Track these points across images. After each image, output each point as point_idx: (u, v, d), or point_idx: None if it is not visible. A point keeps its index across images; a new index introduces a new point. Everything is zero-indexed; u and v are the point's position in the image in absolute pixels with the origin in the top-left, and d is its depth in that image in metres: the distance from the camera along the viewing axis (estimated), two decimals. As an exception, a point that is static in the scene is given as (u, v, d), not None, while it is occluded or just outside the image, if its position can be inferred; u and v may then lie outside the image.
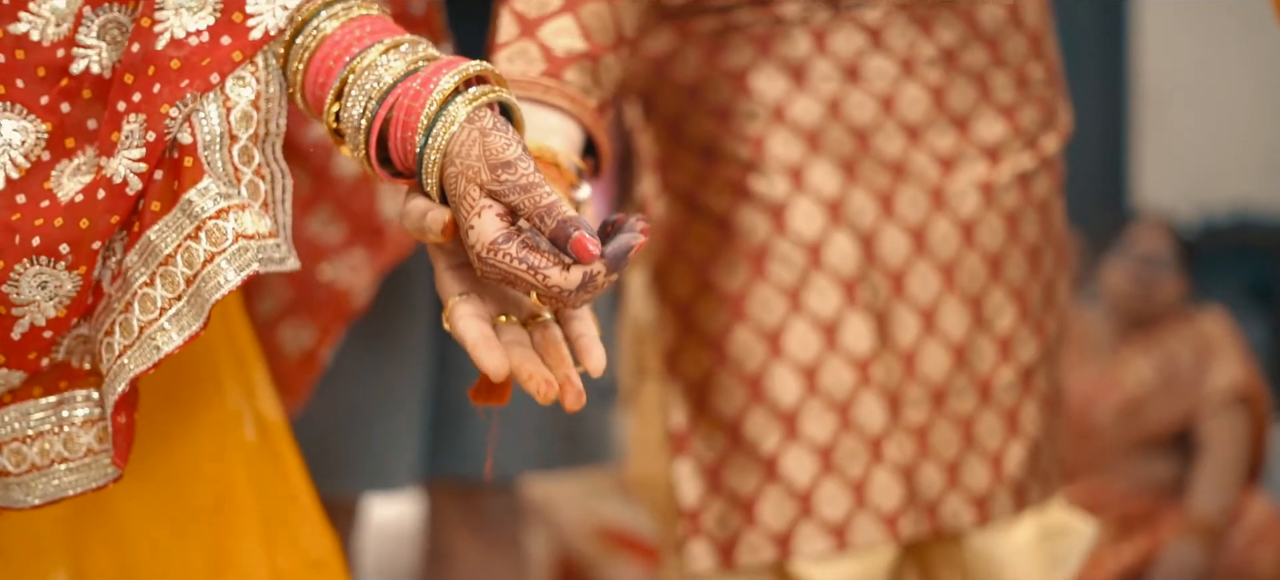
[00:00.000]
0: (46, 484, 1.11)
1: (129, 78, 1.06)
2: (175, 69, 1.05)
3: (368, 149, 1.05)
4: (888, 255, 1.60)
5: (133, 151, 1.05)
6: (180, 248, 1.06)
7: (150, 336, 1.06)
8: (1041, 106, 1.67)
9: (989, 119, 1.62)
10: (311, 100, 1.08)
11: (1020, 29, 1.64)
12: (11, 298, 1.04)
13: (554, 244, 1.01)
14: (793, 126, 1.58)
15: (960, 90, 1.61)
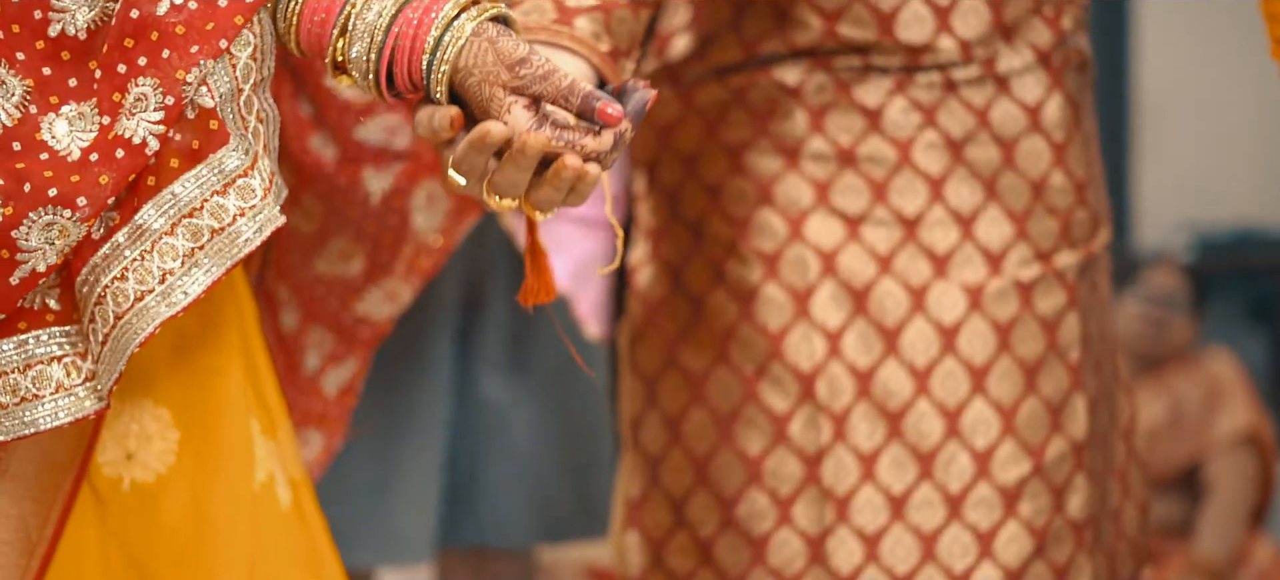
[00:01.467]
0: (15, 421, 1.15)
1: (129, 42, 1.10)
2: (181, 35, 1.11)
3: (378, 75, 1.14)
4: (854, 353, 1.56)
5: (151, 114, 1.10)
6: (206, 202, 1.13)
7: (176, 282, 1.13)
8: (1060, 219, 1.60)
9: (994, 220, 1.58)
10: (307, 39, 1.15)
11: (1040, 132, 1.59)
12: (19, 243, 1.09)
13: (581, 117, 1.13)
14: (780, 209, 1.58)
15: (964, 186, 1.58)
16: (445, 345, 1.92)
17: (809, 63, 1.58)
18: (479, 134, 1.14)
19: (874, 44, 1.55)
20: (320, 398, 1.74)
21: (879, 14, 1.54)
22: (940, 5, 1.55)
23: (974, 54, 1.56)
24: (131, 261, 1.13)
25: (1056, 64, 1.60)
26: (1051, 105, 1.59)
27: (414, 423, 1.91)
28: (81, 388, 1.16)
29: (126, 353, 1.13)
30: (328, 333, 1.73)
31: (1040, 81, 1.59)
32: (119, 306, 1.13)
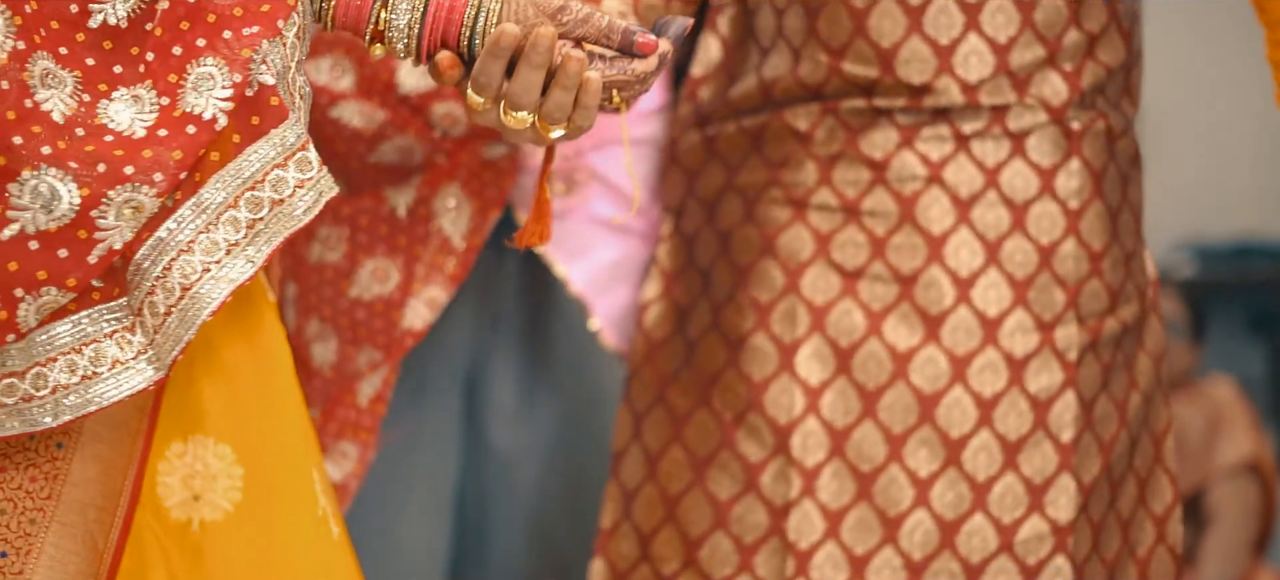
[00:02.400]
0: (80, 397, 1.16)
1: (185, 25, 1.14)
2: (239, 17, 1.15)
3: (421, 42, 1.21)
4: (832, 412, 1.56)
5: (219, 92, 1.14)
6: (268, 174, 1.17)
7: (241, 253, 1.17)
8: (1068, 290, 1.56)
9: (993, 284, 1.56)
10: (345, 12, 1.21)
11: (1054, 198, 1.57)
12: (98, 222, 1.11)
13: (622, 51, 1.21)
14: (781, 260, 1.59)
15: (964, 247, 1.56)
16: (454, 393, 1.91)
17: (819, 107, 1.58)
18: (494, 38, 1.19)
19: (876, 81, 1.55)
20: (355, 407, 1.73)
21: (880, 50, 1.54)
22: (940, 44, 1.54)
23: (980, 100, 1.54)
24: (197, 234, 1.16)
25: (1074, 127, 1.56)
26: (1067, 172, 1.56)
27: (422, 468, 1.89)
28: (138, 361, 1.17)
29: (195, 325, 1.16)
30: (375, 350, 1.73)
31: (1057, 145, 1.56)
32: (186, 278, 1.16)
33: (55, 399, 1.16)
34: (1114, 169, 1.58)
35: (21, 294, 1.12)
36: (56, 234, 1.11)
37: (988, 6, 1.54)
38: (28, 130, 1.10)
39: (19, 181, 1.10)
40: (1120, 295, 1.58)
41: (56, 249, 1.11)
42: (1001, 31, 1.54)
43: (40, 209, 1.11)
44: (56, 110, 1.12)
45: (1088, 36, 1.56)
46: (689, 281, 1.67)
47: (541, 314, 1.94)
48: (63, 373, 1.16)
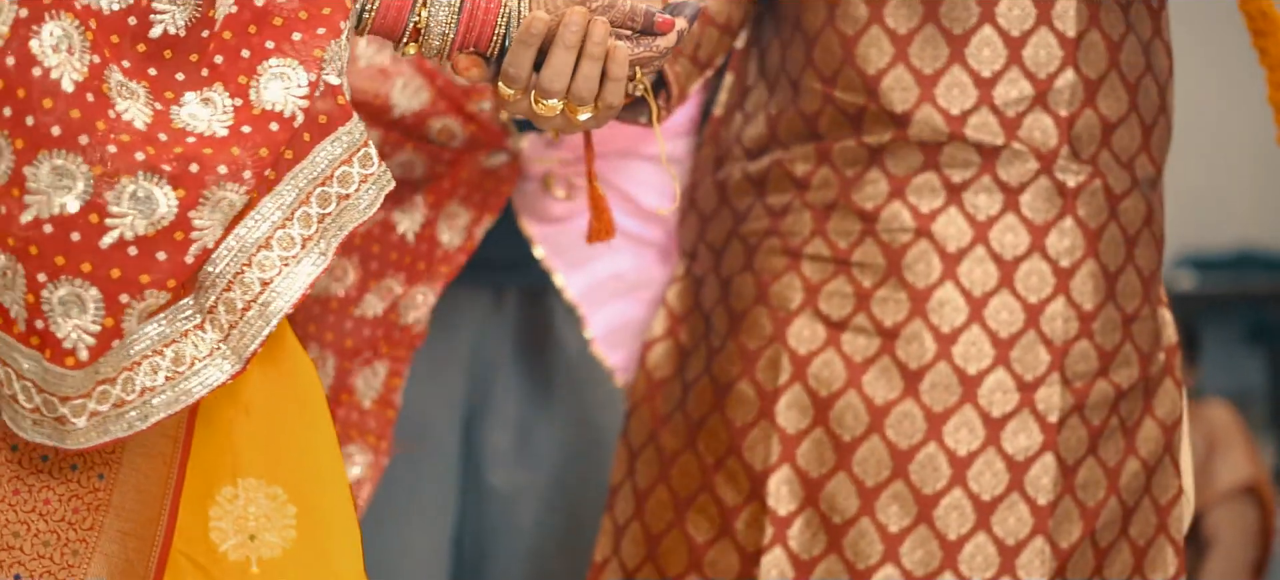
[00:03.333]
0: (168, 396, 1.19)
1: (253, 28, 1.17)
2: (304, 19, 1.18)
3: (453, 39, 1.26)
4: (807, 462, 1.56)
5: (296, 90, 1.17)
6: (336, 171, 1.21)
7: (314, 247, 1.20)
8: (1054, 351, 1.54)
9: (973, 341, 1.54)
10: (383, 16, 1.25)
11: (1044, 257, 1.56)
12: (194, 223, 1.14)
13: (644, 32, 1.29)
14: (772, 308, 1.60)
15: (948, 305, 1.54)
16: (453, 435, 1.91)
17: (815, 150, 1.58)
18: (526, 24, 1.25)
19: (862, 109, 1.55)
20: (356, 408, 1.72)
21: (866, 77, 1.54)
22: (923, 73, 1.53)
23: (964, 133, 1.53)
24: (274, 230, 1.19)
25: (1069, 184, 1.54)
26: (1059, 230, 1.54)
27: (421, 509, 1.89)
28: (215, 357, 1.19)
29: (274, 320, 1.19)
30: (376, 355, 1.73)
31: (1051, 202, 1.54)
32: (265, 274, 1.19)
33: (143, 401, 1.18)
34: (1115, 229, 1.56)
35: (127, 299, 1.14)
36: (154, 237, 1.13)
37: (974, 38, 1.53)
38: (118, 139, 1.12)
39: (117, 189, 1.12)
40: (1114, 358, 1.56)
41: (155, 252, 1.14)
42: (986, 65, 1.53)
43: (139, 214, 1.13)
44: (138, 118, 1.14)
45: (1084, 82, 1.54)
46: (693, 325, 1.69)
47: (540, 356, 1.95)
48: (147, 375, 1.17)
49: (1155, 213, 1.60)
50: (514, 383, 1.93)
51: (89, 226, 1.12)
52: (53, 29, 1.11)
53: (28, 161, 1.11)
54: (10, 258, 1.12)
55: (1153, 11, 1.59)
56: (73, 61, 1.12)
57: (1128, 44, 1.56)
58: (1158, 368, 1.60)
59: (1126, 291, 1.57)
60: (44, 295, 1.12)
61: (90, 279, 1.12)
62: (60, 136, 1.11)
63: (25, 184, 1.11)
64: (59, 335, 1.12)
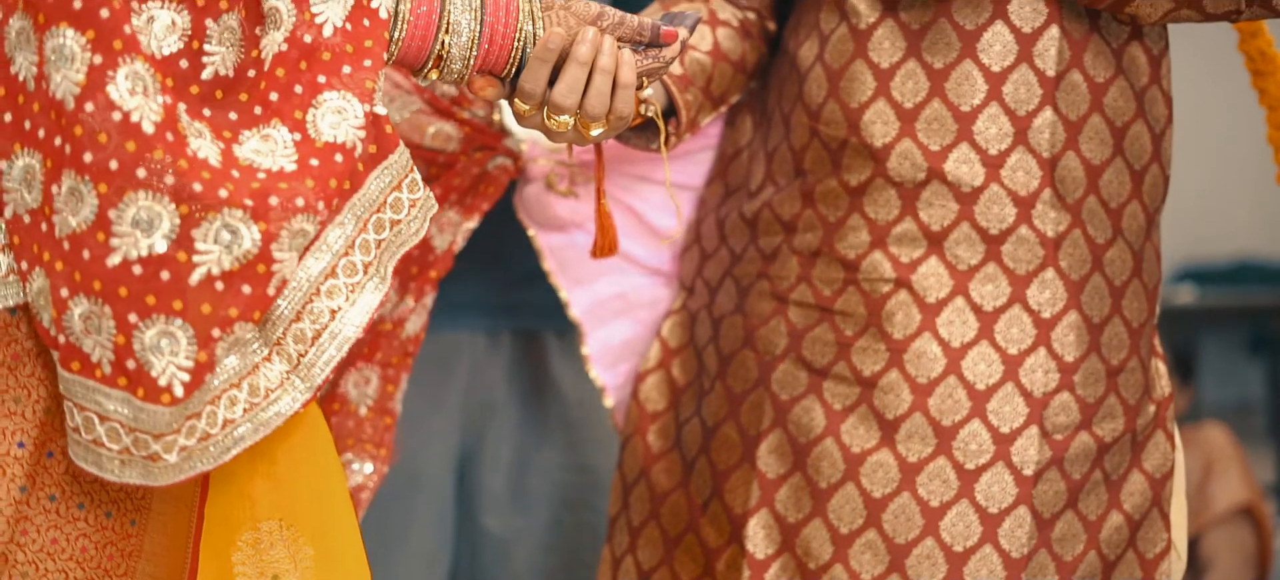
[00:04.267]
0: (251, 425, 1.21)
1: (304, 65, 1.20)
2: (351, 52, 1.21)
3: (472, 64, 1.30)
4: (784, 507, 1.55)
5: (353, 121, 1.20)
6: (388, 198, 1.24)
7: (375, 272, 1.24)
8: (1030, 403, 1.51)
9: (949, 392, 1.52)
10: (409, 44, 1.28)
11: (1026, 309, 1.53)
12: (275, 255, 1.16)
13: (651, 44, 1.35)
14: (758, 352, 1.60)
15: (924, 357, 1.51)
16: (447, 480, 1.92)
17: (800, 192, 1.58)
18: (543, 41, 1.31)
19: (843, 142, 1.55)
20: (353, 416, 1.71)
21: (848, 111, 1.54)
22: (904, 107, 1.52)
23: (945, 171, 1.52)
24: (338, 259, 1.23)
25: (1049, 234, 1.52)
26: (1040, 281, 1.53)
27: (416, 551, 1.89)
28: (285, 386, 1.22)
29: (346, 346, 1.23)
30: (368, 363, 1.72)
31: (1032, 253, 1.52)
32: (334, 302, 1.22)
33: (226, 433, 1.19)
34: (1099, 280, 1.54)
35: (218, 334, 1.16)
36: (239, 271, 1.15)
37: (954, 73, 1.52)
38: (201, 177, 1.14)
39: (203, 226, 1.14)
40: (1097, 410, 1.54)
41: (241, 285, 1.16)
42: (965, 100, 1.52)
43: (224, 250, 1.15)
44: (211, 156, 1.16)
45: (1064, 122, 1.52)
46: (686, 361, 1.70)
47: (535, 398, 1.95)
48: (227, 408, 1.19)
49: (1145, 264, 1.58)
50: (509, 425, 1.94)
51: (177, 265, 1.13)
52: (127, 72, 1.13)
53: (113, 205, 1.12)
54: (96, 301, 1.14)
55: (1152, 59, 1.57)
56: (150, 103, 1.13)
57: (1115, 88, 1.54)
58: (1147, 420, 1.58)
59: (1112, 343, 1.55)
60: (135, 335, 1.13)
61: (182, 316, 1.14)
62: (146, 178, 1.12)
63: (111, 227, 1.13)
64: (154, 373, 1.14)
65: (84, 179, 1.12)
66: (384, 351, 1.69)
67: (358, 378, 1.69)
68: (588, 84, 1.33)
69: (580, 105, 1.33)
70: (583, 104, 1.33)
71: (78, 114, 1.12)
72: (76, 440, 1.17)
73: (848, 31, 1.55)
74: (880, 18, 1.54)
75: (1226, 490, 3.38)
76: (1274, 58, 1.72)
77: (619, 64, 1.33)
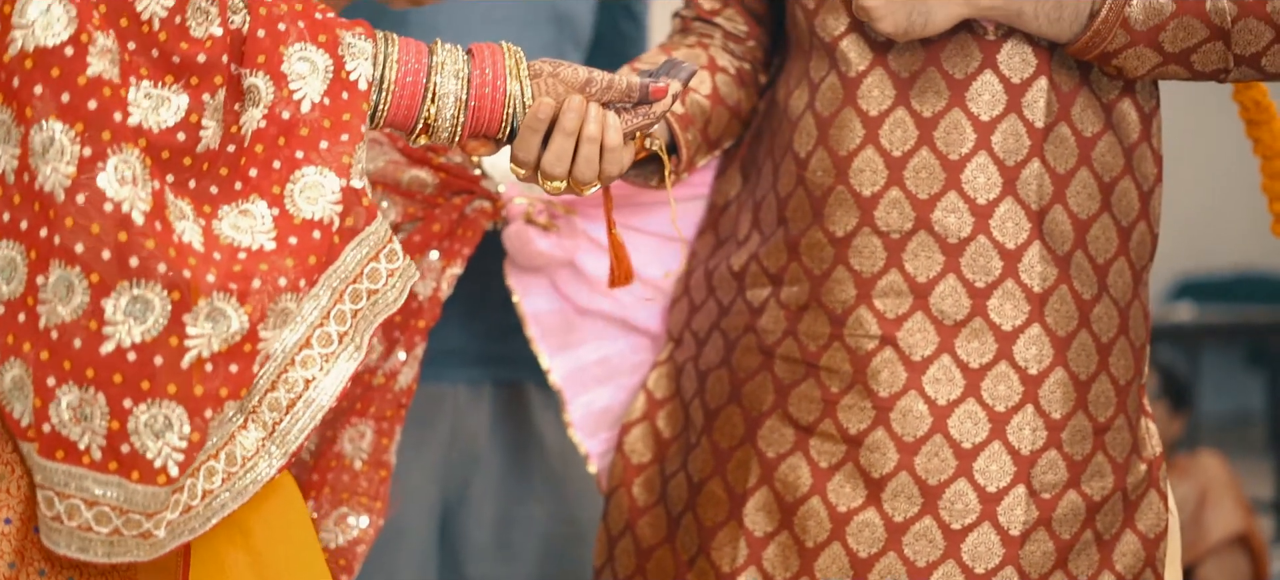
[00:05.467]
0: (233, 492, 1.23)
1: (282, 140, 1.22)
2: (329, 127, 1.23)
3: (463, 129, 1.32)
4: (771, 565, 1.54)
5: (331, 196, 1.22)
6: (365, 268, 1.26)
7: (350, 341, 1.26)
8: (1017, 461, 1.49)
9: (935, 451, 1.50)
10: (396, 111, 1.29)
11: (1010, 362, 1.50)
12: (261, 334, 1.19)
13: (642, 101, 1.35)
14: (744, 408, 1.59)
15: (910, 414, 1.51)
16: (431, 533, 1.90)
17: (785, 244, 1.57)
18: (533, 110, 1.32)
19: (829, 190, 1.54)
20: (348, 470, 1.69)
21: (836, 158, 1.53)
22: (893, 156, 1.51)
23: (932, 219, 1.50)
24: (313, 330, 1.24)
25: (1036, 289, 1.50)
26: (1027, 337, 1.50)
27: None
28: (262, 454, 1.24)
29: (320, 413, 1.24)
30: (363, 418, 1.70)
31: (1018, 308, 1.50)
32: (308, 372, 1.24)
33: (206, 503, 1.22)
34: (1086, 337, 1.52)
35: (211, 413, 1.18)
36: (227, 352, 1.18)
37: (943, 122, 1.50)
38: (188, 263, 1.16)
39: (194, 311, 1.16)
40: (1084, 468, 1.51)
41: (228, 365, 1.18)
42: (954, 148, 1.50)
43: (214, 333, 1.17)
44: (195, 240, 1.18)
45: (1052, 174, 1.50)
46: (672, 414, 1.68)
47: (517, 449, 1.95)
48: (206, 479, 1.21)
49: (1132, 322, 1.55)
50: (492, 478, 1.93)
51: (170, 349, 1.15)
52: (117, 163, 1.15)
53: (105, 294, 1.14)
54: (88, 389, 1.15)
55: (1143, 116, 1.55)
56: (139, 193, 1.15)
57: (1103, 143, 1.52)
58: (1138, 479, 1.55)
59: (1099, 401, 1.52)
60: (130, 420, 1.16)
61: (175, 399, 1.16)
62: (138, 267, 1.14)
63: (104, 316, 1.14)
64: (149, 456, 1.16)
65: (75, 269, 1.14)
66: (377, 405, 1.67)
67: (352, 433, 1.68)
68: (576, 152, 1.34)
69: (569, 172, 1.35)
70: (572, 171, 1.35)
71: (69, 206, 1.13)
72: (57, 528, 1.18)
73: (837, 79, 1.54)
74: (870, 65, 1.53)
75: (1221, 519, 3.37)
76: (1268, 107, 1.71)
77: (606, 130, 1.34)
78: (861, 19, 1.49)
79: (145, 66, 1.18)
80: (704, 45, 1.67)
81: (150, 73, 1.18)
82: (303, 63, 1.24)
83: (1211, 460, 3.49)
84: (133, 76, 1.17)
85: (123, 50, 1.17)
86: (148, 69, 1.18)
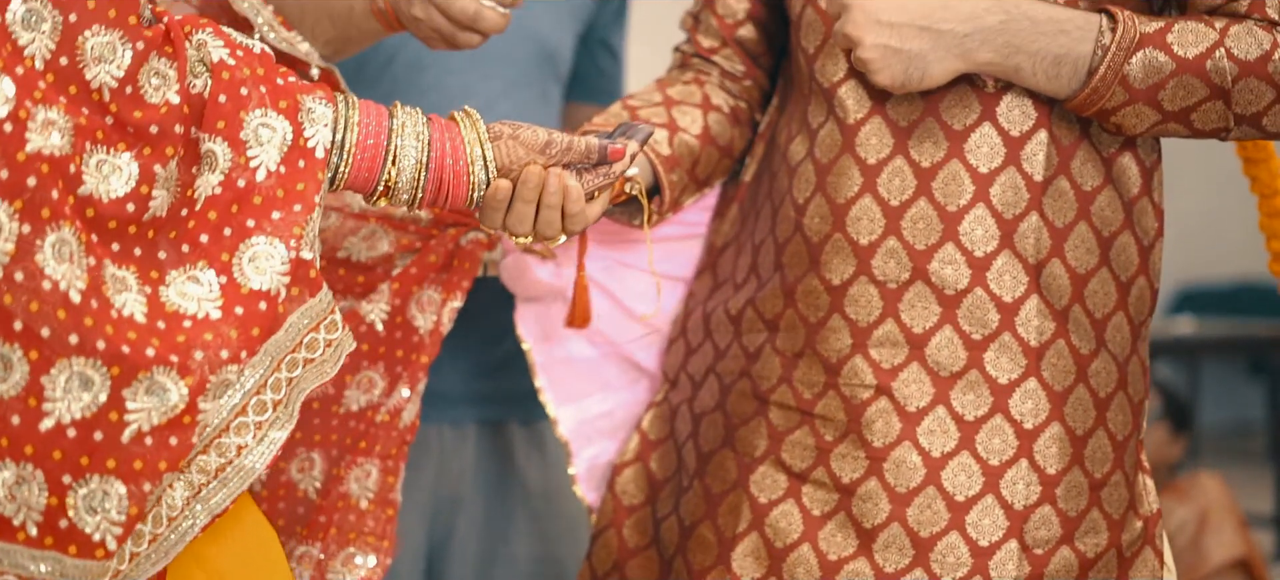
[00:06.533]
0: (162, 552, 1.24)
1: (235, 207, 1.22)
2: (281, 197, 1.23)
3: (422, 195, 1.33)
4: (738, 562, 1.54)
5: (278, 267, 1.22)
6: (304, 339, 1.27)
7: (284, 411, 1.26)
8: (1011, 516, 1.47)
9: (928, 503, 1.48)
10: (355, 176, 1.31)
11: (1005, 416, 1.48)
12: (201, 406, 1.19)
13: (601, 161, 1.38)
14: (738, 453, 1.58)
15: (903, 465, 1.49)
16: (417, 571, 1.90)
17: (782, 289, 1.55)
18: (490, 193, 1.35)
19: (826, 237, 1.52)
20: (355, 511, 1.68)
21: (834, 206, 1.52)
22: (891, 205, 1.50)
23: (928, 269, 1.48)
24: (249, 398, 1.25)
25: (1032, 342, 1.48)
26: (1022, 391, 1.48)
27: None
28: (186, 513, 1.24)
29: (249, 479, 1.25)
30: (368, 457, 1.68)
31: (1015, 362, 1.48)
32: (242, 439, 1.25)
33: (134, 565, 1.22)
34: (1083, 392, 1.50)
35: (150, 487, 1.18)
36: (167, 425, 1.17)
37: (941, 173, 1.49)
38: (127, 338, 1.16)
39: (133, 386, 1.16)
40: (1079, 524, 1.49)
41: (169, 438, 1.18)
42: (952, 200, 1.49)
43: (154, 406, 1.17)
44: (136, 312, 1.18)
45: (1050, 228, 1.49)
46: (665, 455, 1.67)
47: (501, 490, 1.95)
48: (133, 542, 1.21)
49: (1131, 377, 1.53)
50: (476, 517, 1.92)
51: (110, 424, 1.15)
52: (54, 240, 1.14)
53: (44, 371, 1.13)
54: (25, 466, 1.14)
55: (1144, 169, 1.53)
56: (76, 270, 1.14)
57: (1103, 197, 1.51)
58: (1134, 536, 1.53)
59: (1095, 456, 1.50)
60: (69, 496, 1.15)
61: (115, 474, 1.16)
62: (78, 344, 1.14)
63: (43, 393, 1.14)
64: (87, 530, 1.16)
65: (13, 347, 1.13)
66: (383, 443, 1.66)
67: (359, 473, 1.66)
68: (536, 215, 1.37)
69: (533, 232, 1.38)
70: (535, 230, 1.38)
71: (8, 283, 1.12)
72: None
73: (836, 126, 1.53)
74: (868, 113, 1.51)
75: (1221, 544, 3.35)
76: (1266, 146, 1.69)
77: (566, 199, 1.37)
78: (859, 69, 1.48)
79: (101, 131, 1.17)
80: (700, 82, 1.67)
81: (106, 138, 1.17)
82: (264, 129, 1.25)
83: (1211, 482, 3.47)
84: (88, 141, 1.16)
85: (76, 116, 1.16)
86: (103, 133, 1.17)
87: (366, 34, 1.55)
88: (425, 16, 1.49)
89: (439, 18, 1.48)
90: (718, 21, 1.68)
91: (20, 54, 1.13)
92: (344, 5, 1.53)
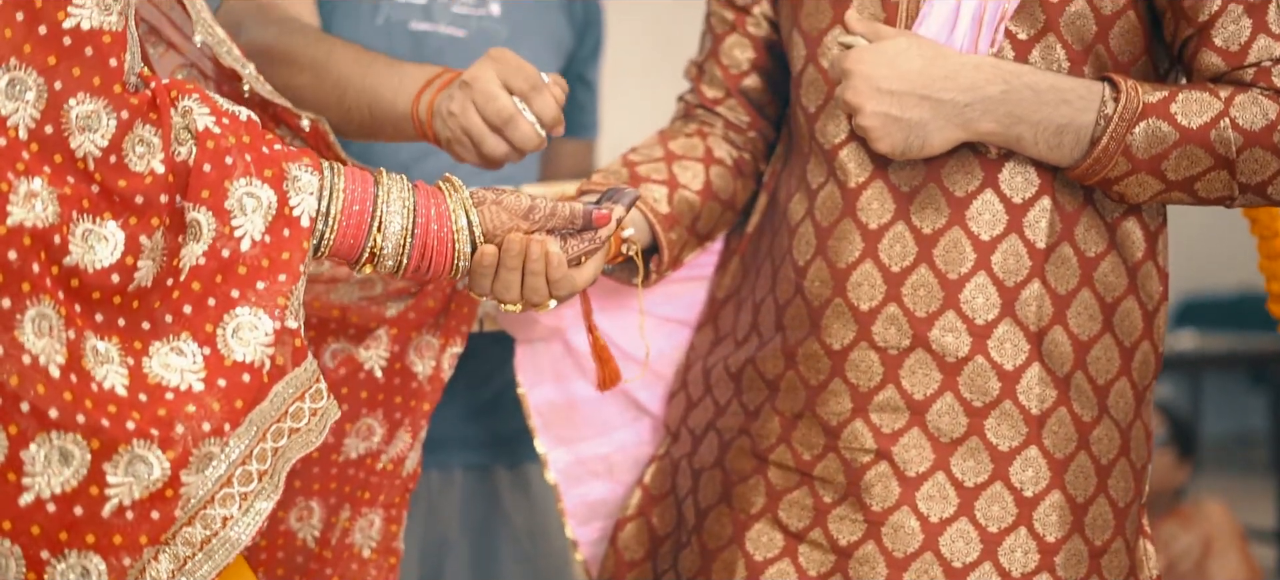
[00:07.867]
0: None
1: (219, 278, 1.21)
2: (267, 267, 1.23)
3: (408, 263, 1.32)
4: None
5: (263, 339, 1.22)
6: (290, 408, 1.27)
7: (269, 481, 1.25)
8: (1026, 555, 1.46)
9: (925, 567, 1.46)
10: (340, 244, 1.30)
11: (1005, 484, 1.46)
12: (184, 479, 1.18)
13: (586, 227, 1.38)
14: (734, 510, 1.57)
15: (901, 531, 1.47)
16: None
17: (783, 350, 1.54)
18: (476, 260, 1.34)
19: (827, 302, 1.51)
20: (357, 558, 1.67)
21: (835, 271, 1.50)
22: (892, 272, 1.48)
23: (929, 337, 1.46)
24: (234, 468, 1.24)
25: (1033, 411, 1.46)
26: (1023, 459, 1.46)
27: None
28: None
29: (236, 550, 1.24)
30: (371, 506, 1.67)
31: (1016, 430, 1.46)
32: (227, 510, 1.24)
33: None
34: (1084, 459, 1.48)
35: (129, 562, 1.18)
36: (148, 499, 1.17)
37: (943, 240, 1.47)
38: (108, 412, 1.15)
39: (113, 460, 1.15)
40: (1101, 555, 1.47)
41: (150, 512, 1.17)
42: (953, 267, 1.47)
43: (135, 480, 1.16)
44: (118, 385, 1.17)
45: (1053, 296, 1.47)
46: (665, 511, 1.66)
47: (488, 533, 1.94)
48: None
49: (1134, 443, 1.51)
50: (463, 562, 1.91)
51: (90, 499, 1.15)
52: (33, 314, 1.13)
53: (24, 446, 1.13)
54: (4, 542, 1.14)
55: (1148, 234, 1.51)
56: (55, 344, 1.14)
57: (1106, 263, 1.49)
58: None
59: (1096, 524, 1.48)
60: (47, 571, 1.15)
61: (94, 549, 1.16)
62: (58, 418, 1.13)
63: (22, 468, 1.13)
64: None
65: None
66: (386, 492, 1.64)
67: (363, 523, 1.65)
68: (522, 282, 1.36)
69: (520, 294, 1.37)
70: (521, 297, 1.37)
71: None
72: None
73: (836, 189, 1.51)
74: (869, 178, 1.49)
75: (1225, 570, 3.33)
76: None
77: (549, 267, 1.36)
78: (860, 135, 1.46)
79: (87, 200, 1.16)
80: (703, 134, 1.65)
81: (92, 207, 1.17)
82: (248, 198, 1.24)
83: (1215, 509, 3.45)
84: (75, 210, 1.15)
85: (61, 186, 1.15)
86: (89, 202, 1.16)
87: (399, 133, 1.55)
88: (460, 112, 1.48)
89: (473, 116, 1.48)
90: (722, 71, 1.66)
91: (3, 125, 1.12)
92: (388, 99, 1.54)
